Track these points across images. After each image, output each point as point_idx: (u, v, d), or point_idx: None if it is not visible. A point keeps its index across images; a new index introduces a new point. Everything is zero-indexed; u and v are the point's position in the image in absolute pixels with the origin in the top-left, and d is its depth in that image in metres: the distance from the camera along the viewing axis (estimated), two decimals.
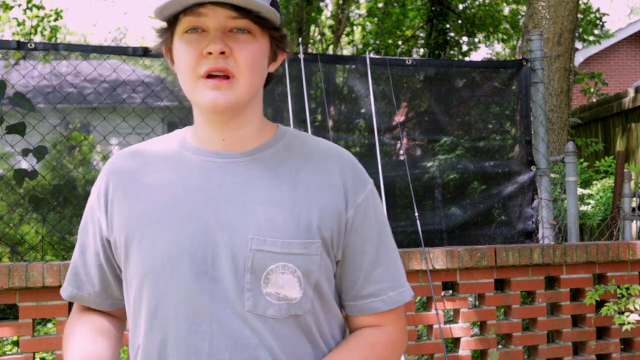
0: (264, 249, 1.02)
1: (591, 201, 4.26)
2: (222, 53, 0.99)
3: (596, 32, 9.98)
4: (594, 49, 12.87)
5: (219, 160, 1.08)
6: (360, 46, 13.04)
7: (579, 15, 9.62)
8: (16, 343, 4.41)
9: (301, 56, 3.32)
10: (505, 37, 11.21)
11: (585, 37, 9.71)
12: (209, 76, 1.01)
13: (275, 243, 1.02)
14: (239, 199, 1.04)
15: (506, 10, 11.36)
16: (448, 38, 10.66)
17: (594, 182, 4.69)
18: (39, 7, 8.96)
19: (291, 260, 1.03)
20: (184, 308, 1.03)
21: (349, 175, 1.10)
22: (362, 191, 1.11)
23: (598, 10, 9.80)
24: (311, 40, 12.37)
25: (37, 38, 9.55)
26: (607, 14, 9.97)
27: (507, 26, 10.93)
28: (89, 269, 1.17)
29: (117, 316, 1.24)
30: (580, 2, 9.82)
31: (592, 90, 9.05)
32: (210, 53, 0.99)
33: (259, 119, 1.11)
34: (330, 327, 1.12)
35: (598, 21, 9.79)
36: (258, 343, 1.03)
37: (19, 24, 9.14)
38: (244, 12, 1.00)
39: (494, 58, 12.32)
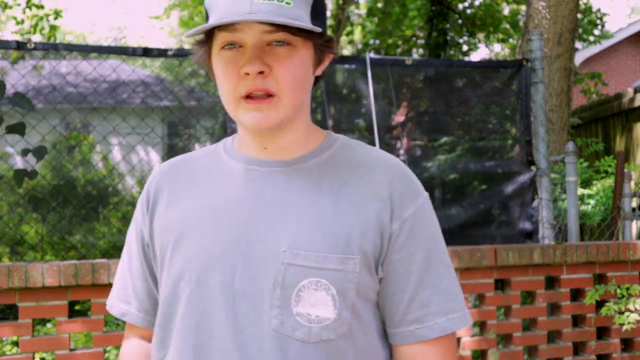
0: (296, 262, 0.96)
1: (591, 201, 4.26)
2: (261, 72, 0.94)
3: (596, 32, 9.97)
4: (594, 49, 12.86)
5: (261, 169, 1.03)
6: (360, 46, 13.04)
7: (579, 16, 9.62)
8: (16, 343, 4.41)
9: None
10: (505, 36, 11.21)
11: (585, 37, 9.71)
12: (250, 96, 0.96)
13: (308, 257, 0.96)
14: (276, 211, 0.99)
15: (506, 11, 11.36)
16: (448, 38, 10.66)
17: (594, 182, 4.69)
18: (38, 7, 8.95)
19: (325, 276, 0.96)
20: (204, 321, 0.98)
21: (397, 187, 1.02)
22: (411, 205, 1.02)
23: (599, 10, 9.79)
24: None
25: (37, 37, 9.54)
26: (608, 14, 9.97)
27: (507, 26, 10.92)
28: (136, 282, 1.13)
29: None
30: (581, 2, 9.82)
31: (592, 90, 9.06)
32: (247, 74, 0.94)
33: (305, 126, 1.05)
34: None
35: (598, 21, 9.79)
36: None
37: (17, 23, 9.13)
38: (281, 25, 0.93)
39: (493, 58, 12.32)
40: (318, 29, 0.94)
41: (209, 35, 0.99)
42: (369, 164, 1.04)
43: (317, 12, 0.98)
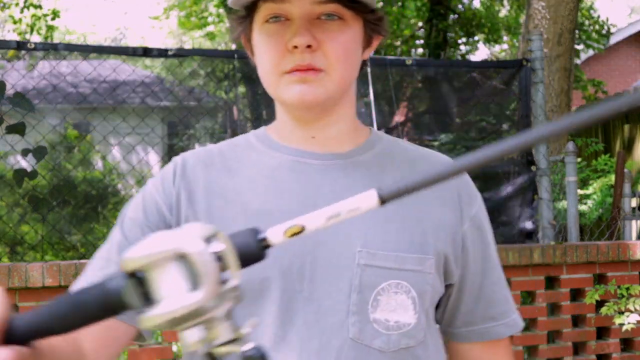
0: (374, 263, 0.86)
1: (588, 201, 4.26)
2: (309, 46, 0.85)
3: (595, 36, 9.98)
4: None
5: (314, 162, 0.92)
6: None
7: (585, 21, 9.66)
8: None
9: None
10: (499, 38, 11.22)
11: (589, 42, 9.73)
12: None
13: (387, 257, 0.86)
14: None
15: (505, 12, 11.37)
16: (448, 38, 10.66)
17: (591, 182, 4.69)
18: (36, 7, 8.94)
19: (405, 277, 0.87)
20: (271, 333, 0.86)
21: (461, 185, 0.96)
22: (475, 203, 0.97)
23: (607, 19, 9.82)
24: None
25: (34, 37, 9.53)
26: (615, 25, 10.00)
27: (505, 29, 10.93)
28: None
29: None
30: (583, 5, 9.82)
31: (593, 97, 9.15)
32: (295, 47, 0.84)
33: (352, 117, 0.96)
34: None
35: (603, 30, 9.83)
36: None
37: (14, 22, 9.12)
38: None
39: (492, 59, 12.32)
40: (372, 3, 0.86)
41: (251, 8, 0.90)
42: (428, 160, 0.97)
43: None
